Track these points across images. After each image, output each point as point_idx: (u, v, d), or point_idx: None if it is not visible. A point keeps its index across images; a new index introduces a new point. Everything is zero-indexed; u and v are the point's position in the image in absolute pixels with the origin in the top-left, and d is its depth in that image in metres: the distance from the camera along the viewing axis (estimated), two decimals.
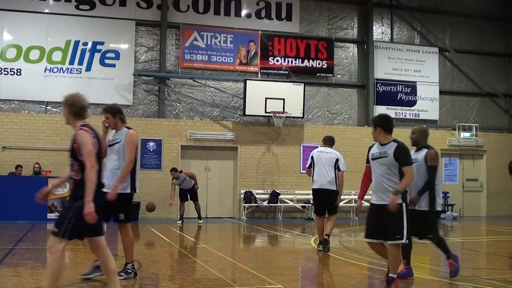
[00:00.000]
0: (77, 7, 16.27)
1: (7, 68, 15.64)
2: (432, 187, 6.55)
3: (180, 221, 14.66)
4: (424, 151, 6.69)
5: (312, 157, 9.26)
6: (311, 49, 18.16)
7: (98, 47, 16.29)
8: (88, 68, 16.15)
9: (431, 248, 10.98)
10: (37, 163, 15.04)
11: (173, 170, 14.40)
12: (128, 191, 6.37)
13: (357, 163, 15.17)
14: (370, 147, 6.07)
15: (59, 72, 15.94)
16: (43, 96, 15.75)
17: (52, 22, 16.05)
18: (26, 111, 15.72)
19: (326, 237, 8.98)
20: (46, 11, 16.09)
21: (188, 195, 14.73)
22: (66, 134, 15.57)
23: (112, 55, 16.41)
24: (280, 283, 6.35)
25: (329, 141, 9.47)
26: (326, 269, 7.87)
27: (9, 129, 15.33)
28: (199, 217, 14.88)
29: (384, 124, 5.90)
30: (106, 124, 6.38)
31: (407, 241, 5.74)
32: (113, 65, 16.38)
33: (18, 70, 15.69)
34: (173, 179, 14.40)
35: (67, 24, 16.15)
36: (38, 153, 15.34)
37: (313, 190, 9.24)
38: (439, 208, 6.68)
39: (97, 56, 16.27)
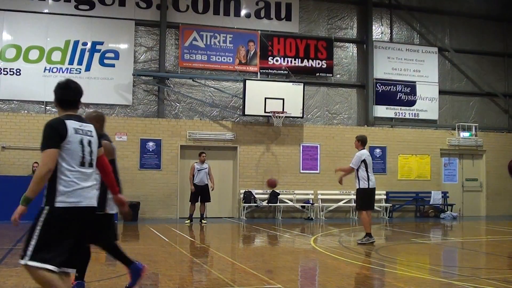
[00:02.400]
0: (76, 7, 16.26)
1: (7, 68, 15.63)
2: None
3: (189, 221, 14.67)
4: None
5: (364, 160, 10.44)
6: (310, 49, 18.15)
7: (98, 47, 16.28)
8: (88, 68, 16.14)
9: (431, 248, 11.02)
10: (36, 162, 15.02)
11: (203, 153, 14.99)
12: None
13: None
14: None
15: (59, 72, 15.92)
16: (42, 96, 15.73)
17: (51, 22, 16.04)
18: (26, 111, 15.71)
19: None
20: (46, 11, 16.08)
21: (200, 196, 14.67)
22: None
23: (112, 55, 16.40)
24: (279, 283, 6.35)
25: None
26: (325, 269, 7.86)
27: (8, 129, 15.32)
28: (203, 217, 14.85)
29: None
30: None
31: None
32: (113, 65, 16.38)
33: (18, 70, 15.68)
34: (195, 163, 14.88)
35: (67, 24, 16.13)
36: (38, 153, 15.24)
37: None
38: (114, 211, 5.45)
39: (96, 56, 16.26)
